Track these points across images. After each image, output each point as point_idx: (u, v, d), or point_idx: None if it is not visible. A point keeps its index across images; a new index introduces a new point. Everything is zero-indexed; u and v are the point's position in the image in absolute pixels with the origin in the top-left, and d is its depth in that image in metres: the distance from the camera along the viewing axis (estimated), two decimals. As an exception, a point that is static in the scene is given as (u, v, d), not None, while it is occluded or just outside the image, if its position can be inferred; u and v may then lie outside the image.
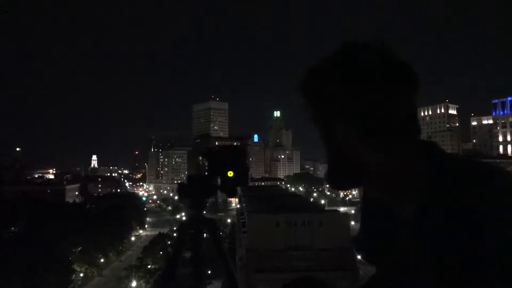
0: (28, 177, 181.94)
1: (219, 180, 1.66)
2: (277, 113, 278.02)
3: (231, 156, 1.60)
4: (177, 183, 1.64)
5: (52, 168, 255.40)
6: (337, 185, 1.03)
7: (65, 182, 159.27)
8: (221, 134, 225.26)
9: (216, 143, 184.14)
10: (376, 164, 0.91)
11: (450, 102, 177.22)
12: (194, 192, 1.71)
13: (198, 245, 1.79)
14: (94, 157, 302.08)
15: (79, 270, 58.44)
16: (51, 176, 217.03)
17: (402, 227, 0.93)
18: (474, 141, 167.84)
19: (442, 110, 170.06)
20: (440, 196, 0.85)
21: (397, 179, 0.91)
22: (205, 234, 1.84)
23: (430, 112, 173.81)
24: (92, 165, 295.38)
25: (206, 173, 1.65)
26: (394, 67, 0.90)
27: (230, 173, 1.57)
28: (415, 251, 0.89)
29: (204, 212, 1.77)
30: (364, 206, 1.12)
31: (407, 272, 0.94)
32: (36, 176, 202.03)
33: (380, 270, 1.14)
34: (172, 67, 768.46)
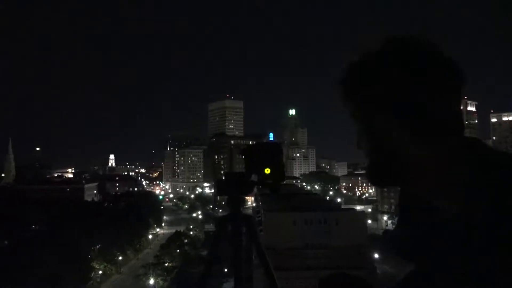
0: (48, 176, 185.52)
1: (255, 177, 1.68)
2: (292, 112, 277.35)
3: (268, 153, 1.60)
4: (214, 180, 1.66)
5: (71, 167, 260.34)
6: (378, 182, 1.03)
7: (83, 181, 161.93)
8: (236, 132, 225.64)
9: (232, 141, 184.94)
10: (420, 160, 0.90)
11: (469, 99, 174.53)
12: (232, 189, 1.70)
13: (238, 243, 1.77)
14: (112, 156, 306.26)
15: (98, 267, 59.33)
16: (70, 175, 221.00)
17: (444, 224, 0.91)
18: (494, 138, 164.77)
19: (461, 107, 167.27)
20: (486, 192, 0.83)
21: (442, 175, 0.90)
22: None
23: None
24: (109, 164, 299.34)
25: (244, 170, 1.65)
26: (442, 63, 0.89)
27: (267, 170, 1.57)
28: (458, 249, 0.87)
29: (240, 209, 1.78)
30: (404, 202, 1.10)
31: (446, 270, 0.93)
32: (55, 175, 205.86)
33: (417, 268, 1.11)
34: (188, 66, 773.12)
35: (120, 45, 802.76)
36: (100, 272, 60.11)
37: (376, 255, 56.15)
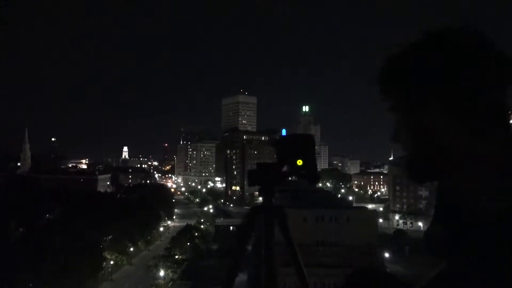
0: (62, 167, 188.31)
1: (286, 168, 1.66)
2: (306, 108, 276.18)
3: (300, 144, 1.59)
4: (248, 170, 1.64)
5: (85, 159, 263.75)
6: (419, 177, 1.01)
7: (97, 172, 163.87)
8: (249, 128, 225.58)
9: (244, 137, 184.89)
10: (469, 154, 0.88)
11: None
12: (264, 179, 1.68)
13: (270, 234, 1.71)
14: (125, 148, 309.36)
15: (109, 257, 60.10)
16: (84, 166, 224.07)
17: (488, 223, 0.88)
18: None
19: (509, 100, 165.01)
20: None
21: (489, 171, 0.87)
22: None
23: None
24: (123, 156, 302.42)
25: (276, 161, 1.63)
26: (493, 54, 0.88)
27: (300, 162, 1.55)
28: (501, 250, 0.84)
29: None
30: (442, 199, 1.06)
31: (484, 271, 0.90)
32: (70, 165, 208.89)
33: (451, 266, 1.09)
34: (203, 60, 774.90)
35: (137, 39, 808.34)
36: (112, 262, 60.90)
37: (387, 254, 55.80)
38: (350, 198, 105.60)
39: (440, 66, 0.88)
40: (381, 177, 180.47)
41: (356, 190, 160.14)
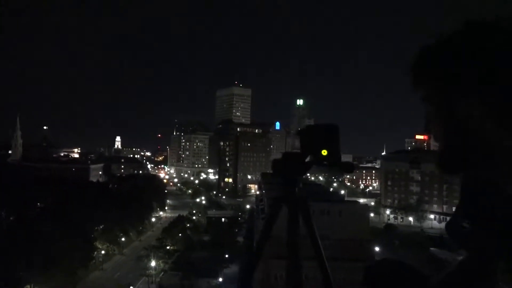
0: (54, 155, 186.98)
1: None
2: (300, 102, 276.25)
3: (326, 135, 1.58)
4: (273, 159, 1.63)
5: (77, 148, 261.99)
6: (449, 167, 1.00)
7: (89, 162, 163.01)
8: (243, 120, 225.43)
9: (238, 129, 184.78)
10: (503, 145, 0.87)
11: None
12: (289, 168, 1.67)
13: (294, 225, 1.70)
14: (118, 138, 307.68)
15: (100, 247, 60.06)
16: (76, 155, 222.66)
17: None
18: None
19: None
20: None
21: None
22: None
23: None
24: (115, 146, 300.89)
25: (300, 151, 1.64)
26: None
27: (324, 152, 1.55)
28: None
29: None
30: (470, 190, 1.06)
31: (507, 260, 0.93)
32: (62, 154, 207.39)
33: (473, 257, 1.13)
34: (199, 51, 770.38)
35: (131, 28, 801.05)
36: (103, 252, 60.89)
37: (377, 248, 56.31)
38: (342, 192, 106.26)
39: (476, 59, 0.86)
40: (373, 171, 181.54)
41: (348, 184, 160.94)
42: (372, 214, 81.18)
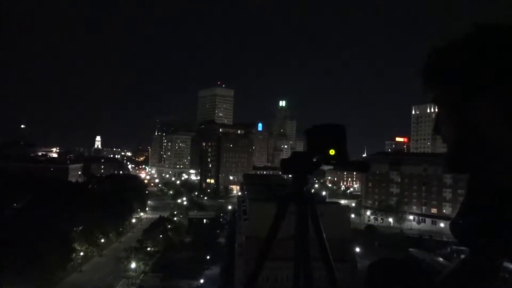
0: (32, 155, 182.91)
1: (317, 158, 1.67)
2: (282, 103, 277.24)
3: (333, 134, 1.61)
4: (281, 158, 1.65)
5: (56, 147, 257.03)
6: (457, 168, 1.02)
7: (68, 161, 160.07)
8: (226, 121, 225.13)
9: (220, 129, 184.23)
10: (507, 149, 0.89)
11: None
12: (297, 168, 1.70)
13: (304, 224, 1.72)
14: (98, 138, 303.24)
15: (79, 249, 59.03)
16: (55, 155, 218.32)
17: None
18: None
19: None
20: None
21: None
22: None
23: (435, 109, 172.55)
24: (95, 146, 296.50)
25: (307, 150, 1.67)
26: None
27: (332, 151, 1.58)
28: None
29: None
30: (476, 190, 1.08)
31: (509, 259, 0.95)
32: (40, 154, 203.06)
33: (476, 255, 1.15)
34: (181, 51, 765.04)
35: (111, 29, 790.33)
36: (82, 253, 59.85)
37: (358, 249, 56.91)
38: (324, 193, 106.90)
39: (495, 63, 0.87)
40: (354, 173, 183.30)
41: (330, 185, 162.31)
42: (353, 215, 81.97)
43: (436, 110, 1.03)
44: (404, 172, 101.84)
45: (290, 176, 1.73)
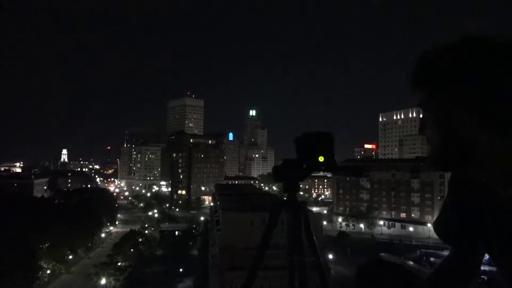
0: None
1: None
2: (252, 112, 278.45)
3: (321, 142, 1.66)
4: (273, 166, 1.71)
5: (19, 161, 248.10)
6: (440, 166, 1.07)
7: (33, 176, 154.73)
8: (196, 131, 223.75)
9: (191, 140, 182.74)
10: (493, 150, 0.95)
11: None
12: (289, 174, 1.74)
13: (297, 230, 1.76)
14: (64, 151, 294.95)
15: (46, 266, 56.94)
16: (18, 170, 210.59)
17: (503, 211, 0.97)
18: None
19: (414, 115, 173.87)
20: None
21: (507, 166, 0.94)
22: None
23: (402, 116, 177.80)
24: (62, 159, 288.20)
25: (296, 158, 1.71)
26: None
27: (321, 158, 1.63)
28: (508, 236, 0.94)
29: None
30: (457, 189, 1.14)
31: (490, 254, 1.02)
32: (2, 169, 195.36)
33: (458, 251, 1.22)
34: (149, 62, 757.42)
35: (78, 37, 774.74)
36: (48, 271, 57.74)
37: (330, 256, 57.42)
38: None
39: (478, 73, 0.93)
40: (325, 180, 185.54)
41: (301, 193, 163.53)
42: (325, 222, 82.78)
43: (421, 112, 1.07)
44: (374, 178, 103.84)
45: (279, 183, 1.78)
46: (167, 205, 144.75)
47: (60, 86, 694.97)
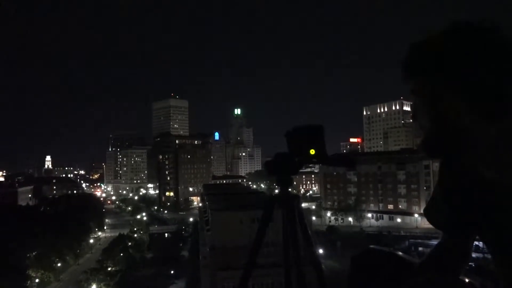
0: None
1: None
2: (237, 111, 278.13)
3: (312, 135, 1.67)
4: (265, 161, 1.75)
5: (2, 170, 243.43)
6: (433, 152, 1.10)
7: (17, 185, 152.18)
8: (181, 132, 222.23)
9: (177, 141, 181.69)
10: (481, 135, 0.98)
11: (405, 99, 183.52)
12: (282, 168, 1.75)
13: (292, 223, 1.76)
14: (48, 157, 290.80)
15: (34, 275, 56.05)
16: (1, 179, 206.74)
17: (491, 195, 0.98)
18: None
19: (397, 107, 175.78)
20: None
21: (498, 151, 0.96)
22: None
23: (385, 109, 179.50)
24: (46, 166, 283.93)
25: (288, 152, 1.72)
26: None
27: (312, 151, 1.64)
28: (502, 220, 0.96)
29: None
30: (448, 175, 1.15)
31: (486, 241, 1.03)
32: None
33: (450, 237, 1.25)
34: (132, 63, 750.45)
35: (62, 40, 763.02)
36: (37, 280, 56.86)
37: (321, 251, 57.83)
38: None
39: (466, 60, 0.96)
40: (313, 176, 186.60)
41: (290, 190, 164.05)
42: (314, 218, 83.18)
43: (414, 100, 1.09)
44: (360, 172, 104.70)
45: (273, 177, 1.77)
46: (156, 207, 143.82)
47: (43, 92, 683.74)
